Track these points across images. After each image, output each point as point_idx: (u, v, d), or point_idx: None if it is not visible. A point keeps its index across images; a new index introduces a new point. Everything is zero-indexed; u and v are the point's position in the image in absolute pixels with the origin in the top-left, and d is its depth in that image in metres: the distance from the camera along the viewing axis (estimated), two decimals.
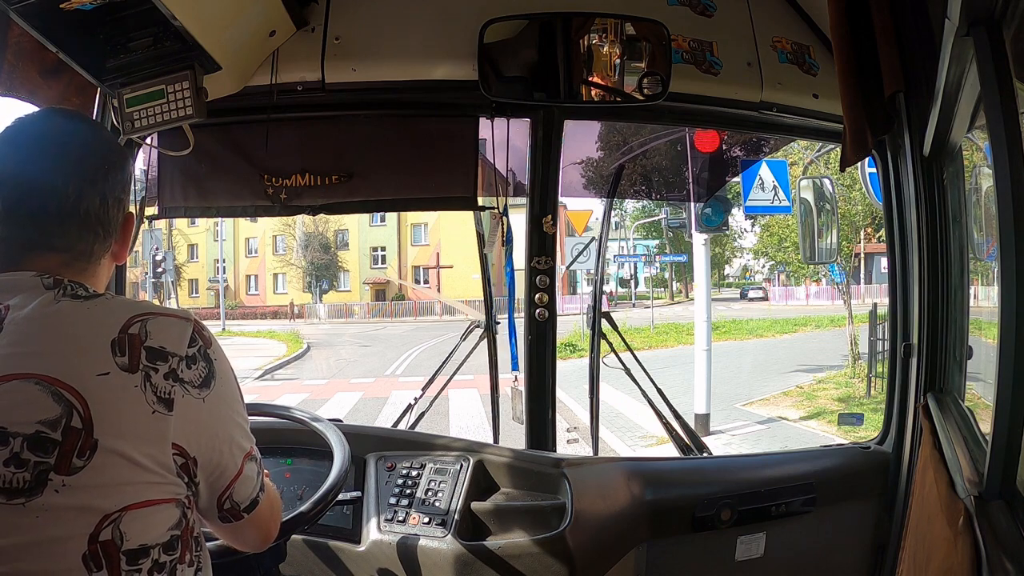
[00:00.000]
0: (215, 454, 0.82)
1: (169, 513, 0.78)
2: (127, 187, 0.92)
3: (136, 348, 0.76)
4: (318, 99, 1.67)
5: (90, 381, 0.74)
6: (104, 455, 0.72)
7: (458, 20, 1.60)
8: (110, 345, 0.76)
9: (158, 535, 0.77)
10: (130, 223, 0.94)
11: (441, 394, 1.94)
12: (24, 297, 0.78)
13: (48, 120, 0.91)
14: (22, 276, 0.81)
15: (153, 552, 0.76)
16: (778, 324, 19.39)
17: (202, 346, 0.82)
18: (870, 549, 1.68)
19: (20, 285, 0.80)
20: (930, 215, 1.45)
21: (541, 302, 1.71)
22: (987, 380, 1.15)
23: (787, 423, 8.17)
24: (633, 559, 1.56)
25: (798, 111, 1.75)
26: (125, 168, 0.91)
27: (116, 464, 0.73)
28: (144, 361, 0.76)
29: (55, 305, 0.78)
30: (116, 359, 0.75)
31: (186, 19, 1.25)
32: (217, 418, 0.83)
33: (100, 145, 0.89)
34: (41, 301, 0.78)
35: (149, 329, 0.78)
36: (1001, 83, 0.85)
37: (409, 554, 1.49)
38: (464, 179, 1.76)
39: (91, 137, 0.88)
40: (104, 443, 0.72)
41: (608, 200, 2.11)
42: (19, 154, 0.83)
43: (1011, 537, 0.86)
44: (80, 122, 0.90)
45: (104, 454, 0.72)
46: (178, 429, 0.77)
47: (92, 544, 0.72)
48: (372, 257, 33.97)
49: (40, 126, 0.86)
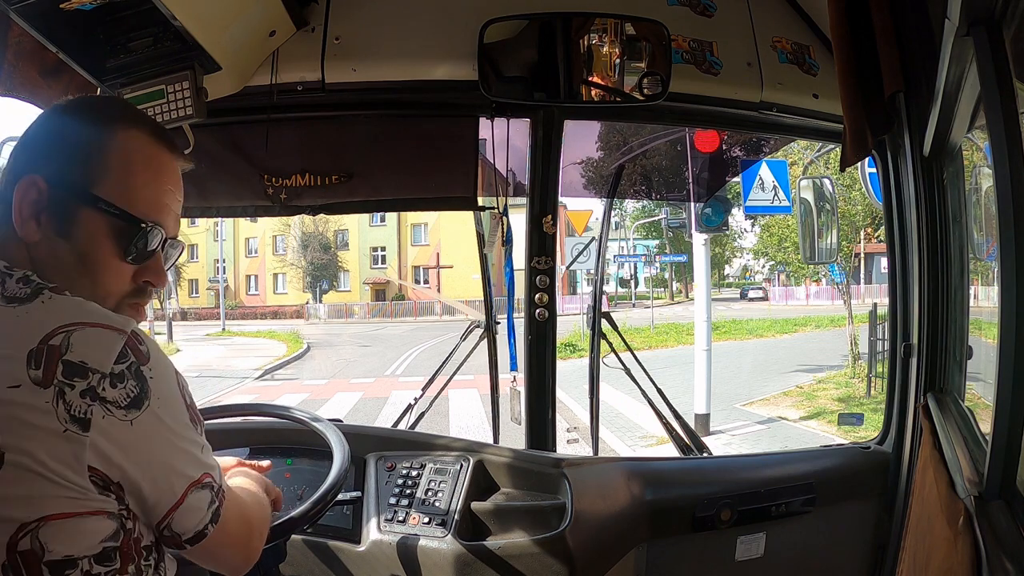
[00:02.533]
0: (145, 482, 0.74)
1: (100, 525, 0.73)
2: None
3: (53, 361, 0.70)
4: (318, 99, 1.66)
5: (5, 391, 0.69)
6: (11, 468, 0.68)
7: (458, 20, 1.60)
8: (27, 356, 0.70)
9: (88, 546, 0.72)
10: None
11: (441, 394, 1.94)
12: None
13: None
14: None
15: (82, 563, 0.71)
16: (778, 324, 19.39)
17: (134, 363, 0.73)
18: (870, 549, 1.68)
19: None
20: (930, 215, 1.45)
21: (541, 302, 1.71)
22: (987, 380, 1.15)
23: (787, 423, 8.17)
24: (633, 559, 1.56)
25: (798, 111, 1.75)
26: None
27: (25, 477, 0.69)
28: (59, 376, 0.70)
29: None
30: (29, 371, 0.69)
31: (186, 19, 1.25)
32: (149, 443, 0.74)
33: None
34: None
35: (72, 341, 0.71)
36: (1001, 83, 0.85)
37: (409, 554, 1.49)
38: (464, 179, 1.76)
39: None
40: (10, 456, 0.68)
41: (608, 200, 2.11)
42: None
43: (1011, 537, 0.86)
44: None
45: (11, 467, 0.68)
46: (96, 451, 0.70)
47: (11, 554, 0.68)
48: (372, 257, 34.00)
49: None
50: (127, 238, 0.82)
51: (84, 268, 0.80)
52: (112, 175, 0.81)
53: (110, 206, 0.80)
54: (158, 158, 0.85)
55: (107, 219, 0.81)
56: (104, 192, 0.80)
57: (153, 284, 0.86)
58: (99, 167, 0.81)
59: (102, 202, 0.80)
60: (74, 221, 0.80)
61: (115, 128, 0.83)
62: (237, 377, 12.99)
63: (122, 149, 0.82)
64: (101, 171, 0.81)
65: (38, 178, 0.79)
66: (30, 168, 0.80)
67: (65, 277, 0.79)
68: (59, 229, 0.79)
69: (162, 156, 0.86)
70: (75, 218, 0.80)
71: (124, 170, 0.82)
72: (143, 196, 0.83)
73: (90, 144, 0.81)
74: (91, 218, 0.80)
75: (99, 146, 0.82)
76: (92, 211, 0.80)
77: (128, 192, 0.82)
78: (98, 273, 0.81)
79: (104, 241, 0.81)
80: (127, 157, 0.83)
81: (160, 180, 0.85)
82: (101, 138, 0.82)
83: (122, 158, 0.82)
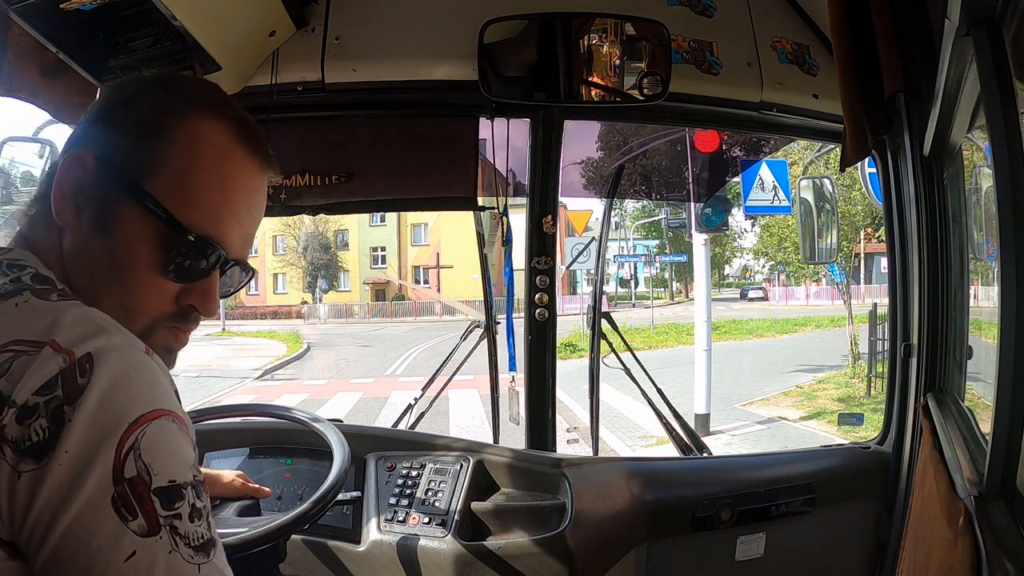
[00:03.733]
0: (54, 558, 0.53)
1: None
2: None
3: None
4: (318, 99, 1.66)
5: None
6: None
7: (458, 20, 1.60)
8: None
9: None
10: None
11: (441, 394, 1.94)
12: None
13: None
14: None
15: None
16: (778, 324, 19.40)
17: (59, 397, 0.53)
18: (870, 549, 1.68)
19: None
20: (930, 215, 1.45)
21: (541, 302, 1.71)
22: (987, 380, 1.15)
23: (787, 423, 8.17)
24: (633, 559, 1.56)
25: (798, 111, 1.75)
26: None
27: None
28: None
29: None
30: None
31: (186, 19, 1.25)
32: (59, 503, 0.52)
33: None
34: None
35: (13, 367, 0.54)
36: (1001, 83, 0.85)
37: (409, 554, 1.49)
38: (464, 179, 1.76)
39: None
40: None
41: (608, 200, 2.11)
42: None
43: (1011, 537, 0.85)
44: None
45: None
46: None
47: None
48: (372, 257, 33.99)
49: None
50: (169, 249, 0.66)
51: (114, 273, 0.66)
52: (170, 169, 0.66)
53: (157, 205, 0.65)
54: (233, 160, 0.69)
55: (151, 220, 0.65)
56: (155, 187, 0.65)
57: (197, 309, 0.70)
58: (157, 155, 0.66)
59: (149, 199, 0.65)
60: (114, 214, 0.65)
61: (189, 113, 0.68)
62: (237, 377, 12.99)
63: (190, 141, 0.67)
64: (158, 161, 0.66)
65: (85, 152, 0.66)
66: (83, 141, 0.68)
67: (92, 279, 0.65)
68: (96, 219, 0.65)
69: (239, 159, 0.69)
70: (115, 210, 0.65)
71: (186, 166, 0.66)
72: (201, 202, 0.67)
73: (153, 125, 0.67)
74: (133, 215, 0.65)
75: (163, 130, 0.67)
76: (136, 207, 0.65)
77: (184, 194, 0.66)
78: (129, 283, 0.66)
79: (142, 246, 0.66)
80: (193, 151, 0.67)
81: (228, 187, 0.69)
82: (168, 122, 0.67)
83: (187, 151, 0.67)
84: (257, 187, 0.72)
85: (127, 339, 0.59)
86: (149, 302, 0.67)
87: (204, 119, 0.68)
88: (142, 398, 0.55)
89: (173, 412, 0.57)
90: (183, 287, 0.68)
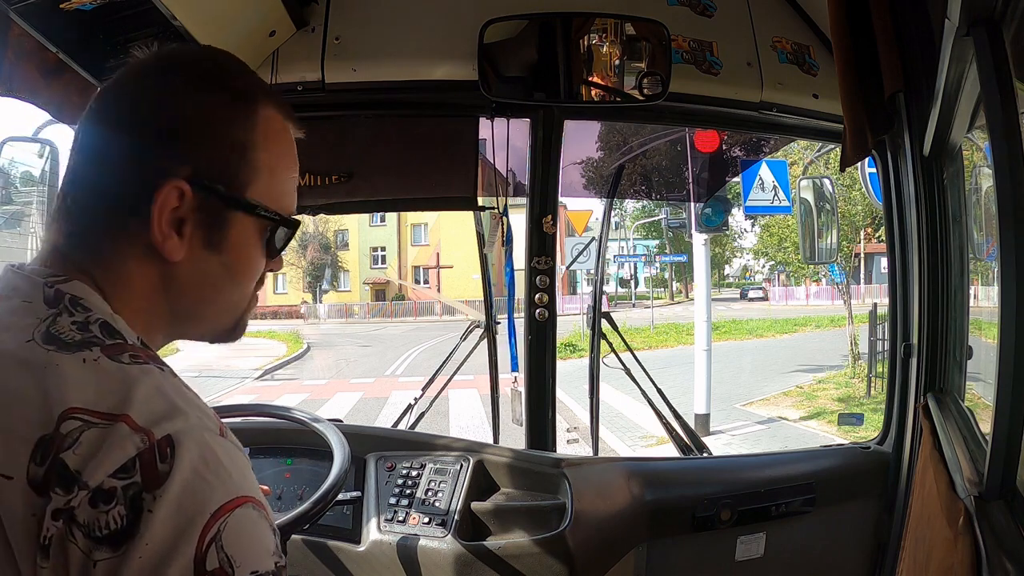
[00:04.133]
0: None
1: None
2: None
3: (55, 460, 0.50)
4: (318, 99, 1.66)
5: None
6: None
7: (458, 20, 1.60)
8: (37, 440, 0.50)
9: None
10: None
11: (441, 394, 1.94)
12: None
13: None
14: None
15: None
16: (778, 324, 19.40)
17: (137, 484, 0.49)
18: (870, 549, 1.68)
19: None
20: (930, 215, 1.45)
21: (541, 302, 1.71)
22: (987, 380, 1.15)
23: (787, 423, 8.18)
24: (633, 559, 1.56)
25: (798, 111, 1.75)
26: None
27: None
28: (53, 485, 0.49)
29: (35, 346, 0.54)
30: (31, 464, 0.50)
31: (186, 19, 1.25)
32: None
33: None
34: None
35: (83, 440, 0.50)
36: (1001, 83, 0.85)
37: (409, 554, 1.49)
38: (464, 179, 1.76)
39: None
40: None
41: (608, 200, 2.11)
42: None
43: (1011, 537, 0.86)
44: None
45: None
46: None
47: None
48: (372, 257, 33.98)
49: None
50: (275, 239, 0.67)
51: (231, 281, 0.66)
52: (263, 173, 0.65)
53: (267, 210, 0.65)
54: (291, 141, 0.69)
55: (259, 222, 0.65)
56: (257, 193, 0.64)
57: (274, 269, 0.71)
58: (250, 167, 0.64)
59: (259, 207, 0.64)
60: (227, 230, 0.64)
61: (256, 114, 0.65)
62: (237, 377, 12.99)
63: (265, 136, 0.65)
64: (251, 171, 0.64)
65: (181, 182, 0.61)
66: (159, 163, 0.61)
67: (201, 296, 0.65)
68: (208, 240, 0.63)
69: (290, 134, 0.69)
70: (228, 227, 0.64)
71: (271, 164, 0.66)
72: (287, 189, 0.68)
73: (236, 140, 0.64)
74: (245, 225, 0.64)
75: (247, 134, 0.64)
76: (246, 218, 0.64)
77: (280, 190, 0.67)
78: (244, 282, 0.67)
79: (255, 247, 0.66)
80: (272, 148, 0.66)
81: (294, 166, 0.70)
82: (248, 124, 0.64)
83: (268, 151, 0.65)
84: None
85: (204, 419, 0.56)
86: (249, 288, 0.69)
87: (266, 112, 0.66)
88: (223, 486, 0.52)
89: (253, 498, 0.54)
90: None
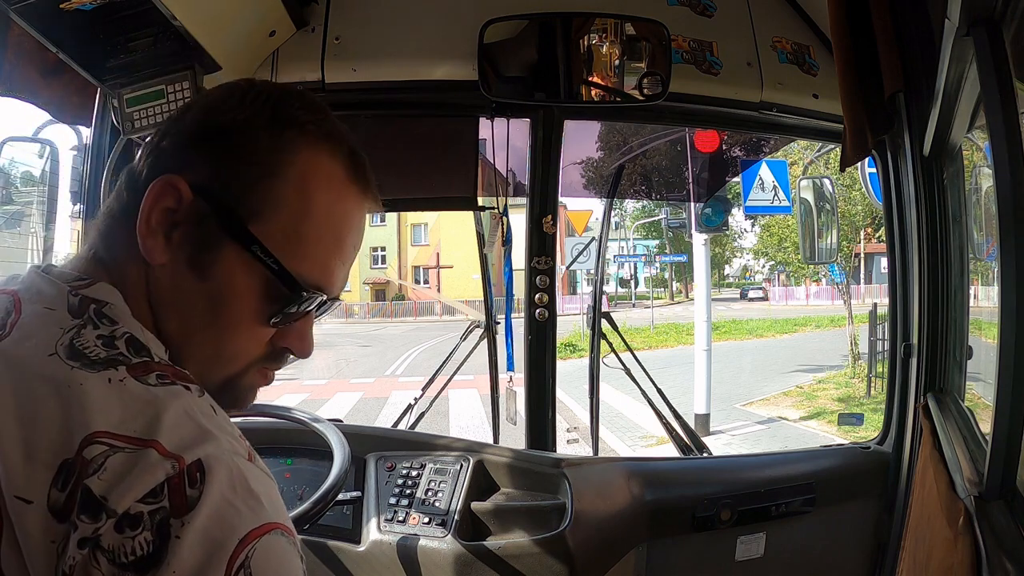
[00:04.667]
0: None
1: None
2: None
3: (78, 485, 0.47)
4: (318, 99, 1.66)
5: (12, 501, 0.47)
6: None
7: (458, 20, 1.60)
8: (59, 465, 0.47)
9: None
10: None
11: (441, 394, 1.94)
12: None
13: None
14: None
15: None
16: (778, 324, 19.40)
17: (165, 509, 0.47)
18: (870, 549, 1.68)
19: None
20: (930, 215, 1.45)
21: (541, 302, 1.71)
22: (987, 380, 1.15)
23: (787, 423, 8.17)
24: (633, 559, 1.56)
25: (798, 111, 1.75)
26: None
27: None
28: (77, 512, 0.47)
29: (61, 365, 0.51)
30: (52, 489, 0.47)
31: (186, 19, 1.25)
32: None
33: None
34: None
35: (108, 465, 0.47)
36: (1001, 83, 0.85)
37: (409, 554, 1.49)
38: (464, 179, 1.76)
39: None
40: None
41: (608, 200, 2.11)
42: None
43: (1011, 537, 0.86)
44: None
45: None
46: None
47: None
48: (372, 257, 33.97)
49: None
50: (279, 303, 0.59)
51: (212, 320, 0.58)
52: (281, 213, 0.58)
53: (267, 254, 0.57)
54: (347, 201, 0.61)
55: (259, 269, 0.58)
56: (264, 233, 0.57)
57: (293, 352, 0.64)
58: (267, 195, 0.57)
59: (259, 247, 0.57)
60: (214, 256, 0.57)
61: (303, 148, 0.59)
62: None
63: (304, 181, 0.58)
64: (267, 202, 0.57)
65: (180, 180, 0.56)
66: (174, 162, 0.58)
67: (184, 324, 0.58)
68: (192, 259, 0.57)
69: (352, 199, 0.61)
70: (216, 252, 0.57)
71: (298, 210, 0.58)
72: (314, 252, 0.59)
73: (263, 160, 0.58)
74: (238, 260, 0.57)
75: (275, 166, 0.58)
76: (242, 252, 0.57)
77: (296, 242, 0.58)
78: (227, 332, 0.59)
79: (247, 297, 0.58)
80: (307, 194, 0.58)
81: (341, 231, 0.61)
82: (281, 158, 0.58)
83: (300, 193, 0.58)
84: (363, 224, 0.64)
85: (234, 443, 0.53)
86: (245, 348, 0.61)
87: (318, 154, 0.59)
88: (252, 513, 0.50)
89: (281, 524, 0.52)
90: (279, 331, 0.62)
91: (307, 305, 0.61)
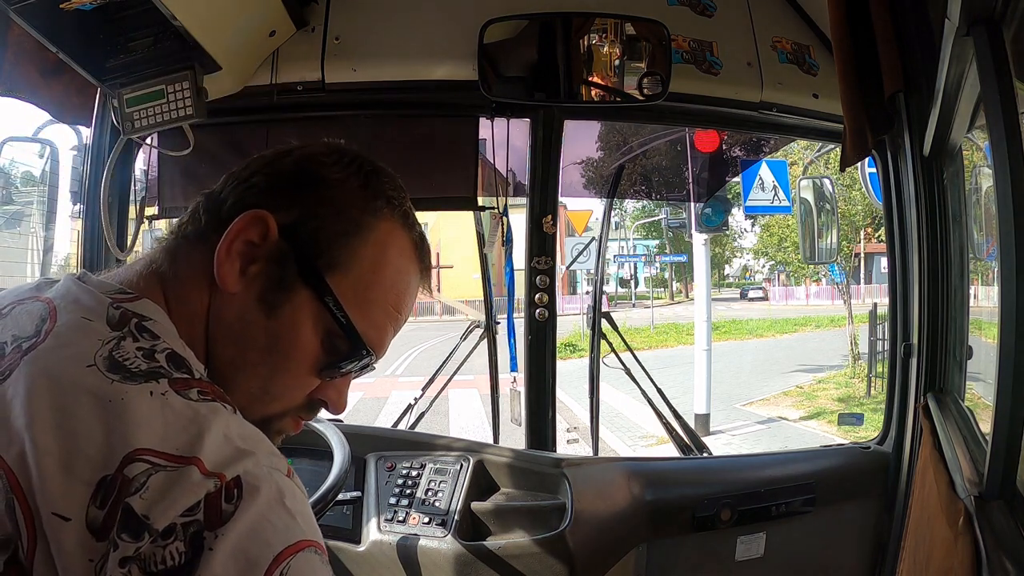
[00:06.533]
0: None
1: None
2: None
3: (118, 503, 0.46)
4: (318, 99, 1.66)
5: (49, 518, 0.46)
6: None
7: (458, 20, 1.60)
8: (98, 481, 0.46)
9: None
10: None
11: (441, 394, 1.94)
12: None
13: None
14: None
15: None
16: (778, 324, 19.41)
17: (199, 521, 0.47)
18: (870, 549, 1.68)
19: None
20: (930, 215, 1.45)
21: (541, 302, 1.71)
22: (987, 380, 1.15)
23: (787, 423, 8.17)
24: (633, 559, 1.56)
25: (798, 111, 1.75)
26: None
27: None
28: (116, 531, 0.45)
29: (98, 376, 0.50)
30: (91, 507, 0.46)
31: (186, 19, 1.25)
32: None
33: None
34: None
35: (150, 484, 0.46)
36: (1001, 83, 0.85)
37: (409, 554, 1.49)
38: (464, 179, 1.76)
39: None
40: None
41: (608, 200, 2.11)
42: None
43: (1011, 537, 0.86)
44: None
45: None
46: None
47: None
48: None
49: None
50: (335, 355, 0.61)
51: (268, 357, 0.59)
52: (356, 271, 0.61)
53: (337, 307, 0.59)
54: (410, 275, 0.65)
55: (326, 320, 0.60)
56: (339, 285, 0.59)
57: (328, 406, 0.66)
58: (348, 253, 0.60)
59: (332, 299, 0.59)
60: (287, 297, 0.59)
61: (385, 218, 0.63)
62: None
63: (381, 248, 0.62)
64: (347, 259, 0.60)
65: (271, 218, 0.58)
66: (266, 200, 0.60)
67: (240, 355, 0.59)
68: (264, 295, 0.59)
69: (413, 275, 0.65)
70: (290, 294, 0.59)
71: (371, 272, 0.61)
72: (375, 314, 0.62)
73: (352, 218, 0.61)
74: (308, 307, 0.59)
75: (361, 227, 0.61)
76: (314, 300, 0.59)
77: (363, 301, 0.61)
78: (279, 372, 0.60)
79: (308, 344, 0.60)
80: (381, 259, 0.62)
81: (400, 301, 0.64)
82: (367, 220, 0.61)
83: (376, 258, 0.62)
84: (415, 301, 0.67)
85: (273, 459, 0.53)
86: (290, 393, 0.62)
87: (397, 228, 0.63)
88: (288, 530, 0.50)
89: (315, 542, 0.51)
90: (323, 382, 0.64)
91: (359, 363, 0.63)
